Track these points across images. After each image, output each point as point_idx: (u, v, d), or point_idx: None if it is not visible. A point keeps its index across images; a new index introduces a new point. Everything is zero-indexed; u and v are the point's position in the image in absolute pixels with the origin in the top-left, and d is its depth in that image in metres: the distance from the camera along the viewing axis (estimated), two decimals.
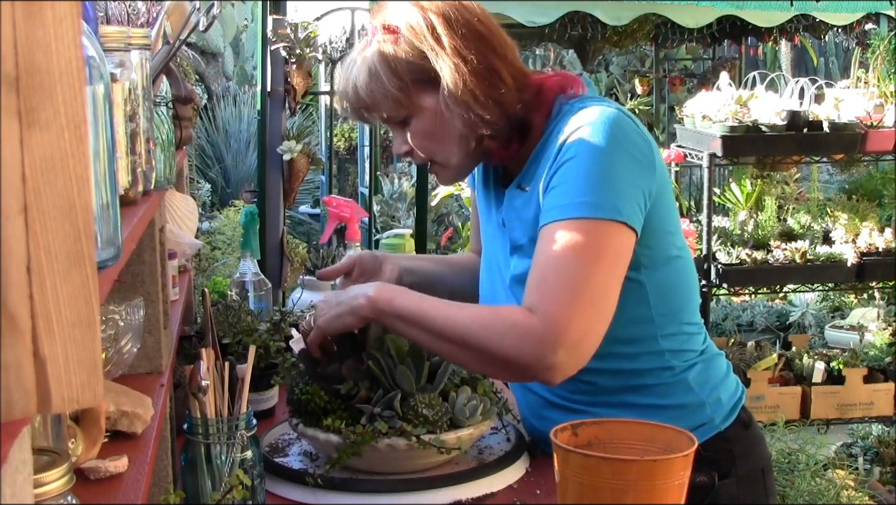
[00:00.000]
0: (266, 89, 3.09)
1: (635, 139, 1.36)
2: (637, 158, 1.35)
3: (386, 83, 1.37)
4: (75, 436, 1.02)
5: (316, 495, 1.43)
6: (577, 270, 1.29)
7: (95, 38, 0.83)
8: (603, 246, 1.30)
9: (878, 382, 3.71)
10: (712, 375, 1.50)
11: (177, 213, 1.99)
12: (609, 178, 1.32)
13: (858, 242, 3.68)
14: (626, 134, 1.35)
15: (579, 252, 1.29)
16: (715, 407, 1.47)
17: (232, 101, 9.06)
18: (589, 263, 1.29)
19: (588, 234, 1.29)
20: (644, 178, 1.35)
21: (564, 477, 1.14)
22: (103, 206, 0.75)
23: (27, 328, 0.44)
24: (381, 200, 5.74)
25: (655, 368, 1.45)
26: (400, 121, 1.44)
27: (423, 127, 1.42)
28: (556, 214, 1.32)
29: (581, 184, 1.31)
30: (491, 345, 1.30)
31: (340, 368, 1.49)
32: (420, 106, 1.40)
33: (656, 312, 1.43)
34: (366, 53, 1.40)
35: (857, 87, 3.87)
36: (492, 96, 1.37)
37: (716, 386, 1.49)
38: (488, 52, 1.38)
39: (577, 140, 1.33)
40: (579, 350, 1.28)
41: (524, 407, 1.62)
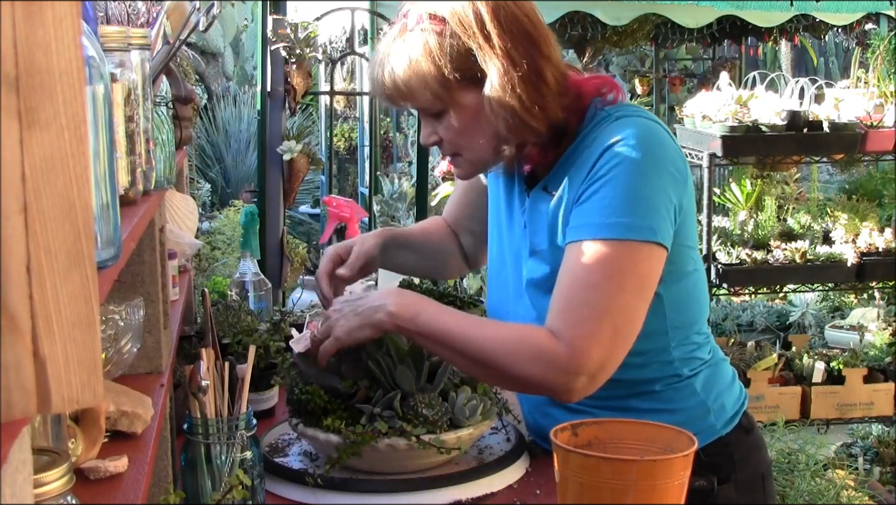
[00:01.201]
0: (266, 89, 3.09)
1: (672, 155, 1.34)
2: (672, 174, 1.33)
3: (426, 76, 1.32)
4: (75, 436, 1.02)
5: (316, 495, 1.43)
6: (604, 295, 1.28)
7: (95, 38, 0.83)
8: (633, 269, 1.29)
9: (878, 382, 3.71)
10: (718, 381, 1.50)
11: (177, 213, 1.99)
12: (646, 196, 1.30)
13: (858, 242, 3.68)
14: (664, 149, 1.33)
15: (608, 276, 1.28)
16: (718, 413, 1.47)
17: (232, 101, 9.06)
18: (617, 288, 1.28)
19: (618, 258, 1.29)
20: (677, 194, 1.34)
21: (564, 477, 1.14)
22: (103, 206, 0.75)
23: (27, 328, 0.44)
24: (381, 200, 5.73)
25: (664, 375, 1.45)
26: (434, 112, 1.39)
27: (459, 123, 1.37)
28: (587, 232, 1.30)
29: (617, 202, 1.29)
30: (514, 369, 1.31)
31: (340, 367, 1.49)
32: (459, 102, 1.35)
33: (671, 324, 1.43)
34: (407, 40, 1.34)
35: (857, 87, 3.86)
36: (538, 102, 1.33)
37: (721, 392, 1.49)
38: (535, 53, 1.33)
39: (616, 154, 1.31)
40: (598, 377, 1.30)
41: (527, 404, 1.62)
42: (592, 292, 1.28)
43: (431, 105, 1.37)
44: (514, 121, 1.33)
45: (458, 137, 1.40)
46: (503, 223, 1.54)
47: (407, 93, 1.35)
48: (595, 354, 1.27)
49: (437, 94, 1.34)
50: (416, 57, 1.32)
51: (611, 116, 1.37)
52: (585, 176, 1.33)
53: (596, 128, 1.37)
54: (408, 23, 1.35)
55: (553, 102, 1.35)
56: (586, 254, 1.29)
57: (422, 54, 1.32)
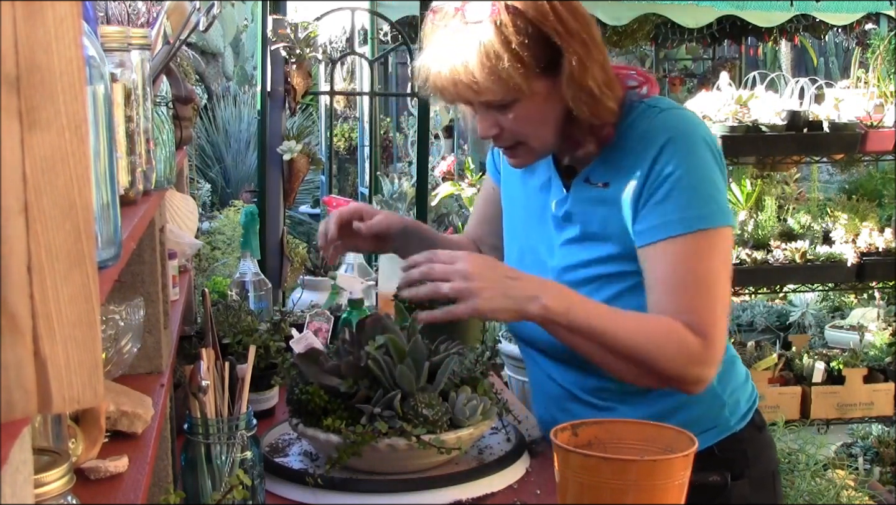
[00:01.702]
0: (266, 89, 3.09)
1: (709, 137, 1.41)
2: (719, 164, 1.40)
3: (507, 65, 1.30)
4: (75, 436, 1.02)
5: (316, 495, 1.43)
6: (716, 285, 1.37)
7: (95, 38, 0.83)
8: (723, 254, 1.39)
9: (878, 382, 3.71)
10: (733, 377, 1.53)
11: (177, 213, 1.99)
12: (714, 184, 1.38)
13: (858, 242, 3.67)
14: (712, 139, 1.41)
15: (713, 266, 1.36)
16: (733, 408, 1.50)
17: (232, 101, 9.06)
18: (723, 277, 1.38)
19: (715, 246, 1.37)
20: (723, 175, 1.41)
21: (564, 477, 1.14)
22: (103, 206, 0.75)
23: (28, 328, 0.44)
24: (381, 200, 5.74)
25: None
26: (499, 104, 1.37)
27: (529, 112, 1.37)
28: (679, 228, 1.36)
29: (694, 195, 1.36)
30: (658, 363, 1.35)
31: (339, 366, 1.49)
32: (533, 90, 1.35)
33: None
34: (477, 35, 1.31)
35: (857, 87, 3.86)
36: (607, 83, 1.37)
37: (735, 388, 1.52)
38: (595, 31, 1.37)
39: (678, 150, 1.36)
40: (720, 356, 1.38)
41: (544, 398, 1.61)
42: (706, 284, 1.36)
43: (503, 96, 1.34)
44: (592, 102, 1.35)
45: (526, 126, 1.39)
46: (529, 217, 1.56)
47: (483, 87, 1.32)
48: (721, 344, 1.37)
49: (514, 84, 1.32)
50: (492, 48, 1.30)
51: (654, 109, 1.41)
52: (648, 170, 1.37)
53: (639, 120, 1.40)
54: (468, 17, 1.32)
55: (616, 82, 1.39)
56: (689, 248, 1.36)
57: (500, 44, 1.30)
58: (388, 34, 7.13)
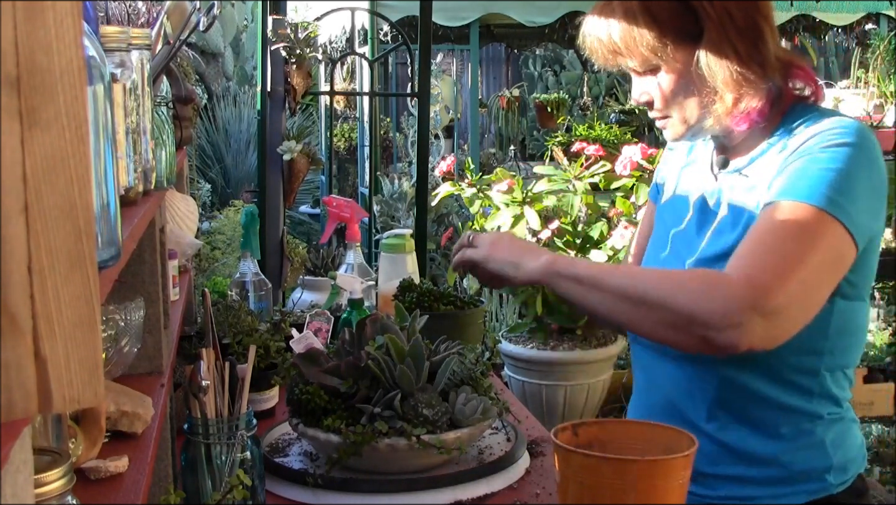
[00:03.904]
0: (266, 89, 3.09)
1: (882, 169, 1.31)
2: (876, 188, 1.30)
3: (646, 32, 1.32)
4: (76, 436, 1.02)
5: (316, 495, 1.43)
6: (795, 247, 1.21)
7: (96, 38, 0.83)
8: (827, 239, 1.23)
9: (878, 382, 3.72)
10: (848, 440, 1.40)
11: (177, 213, 1.99)
12: (852, 185, 1.25)
13: None
14: (877, 158, 1.31)
15: (802, 234, 1.22)
16: (838, 472, 1.38)
17: (232, 101, 9.06)
18: (808, 247, 1.21)
19: (817, 223, 1.22)
20: (875, 207, 1.30)
21: (565, 477, 1.14)
22: (103, 206, 0.75)
23: (28, 328, 0.44)
24: (381, 200, 5.74)
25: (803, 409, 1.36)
26: (647, 70, 1.38)
27: (674, 80, 1.36)
28: (788, 194, 1.25)
29: (824, 175, 1.25)
30: (676, 301, 1.22)
31: (339, 366, 1.49)
32: (675, 59, 1.34)
33: (830, 346, 1.34)
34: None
35: (857, 87, 3.87)
36: (755, 58, 1.32)
37: (847, 453, 1.39)
38: (756, 11, 1.33)
39: (833, 137, 1.28)
40: (776, 321, 1.19)
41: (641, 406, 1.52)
42: (782, 242, 1.22)
43: (647, 62, 1.36)
44: (730, 73, 1.31)
45: (671, 96, 1.38)
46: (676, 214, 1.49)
47: (623, 49, 1.35)
48: (773, 290, 1.17)
49: (654, 50, 1.33)
50: (634, 13, 1.33)
51: (824, 112, 1.36)
52: (796, 148, 1.31)
53: (804, 118, 1.35)
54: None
55: (770, 62, 1.33)
56: (783, 211, 1.24)
57: (640, 10, 1.32)
58: (388, 34, 7.14)
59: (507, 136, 9.07)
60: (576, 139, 5.18)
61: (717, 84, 1.32)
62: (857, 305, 1.35)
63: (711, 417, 1.38)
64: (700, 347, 1.24)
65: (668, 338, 1.28)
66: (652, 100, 1.40)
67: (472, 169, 3.58)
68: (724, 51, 1.30)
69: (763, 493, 1.35)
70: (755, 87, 1.33)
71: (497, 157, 8.29)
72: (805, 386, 1.35)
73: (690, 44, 1.33)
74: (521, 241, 1.47)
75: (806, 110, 1.36)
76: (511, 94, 9.25)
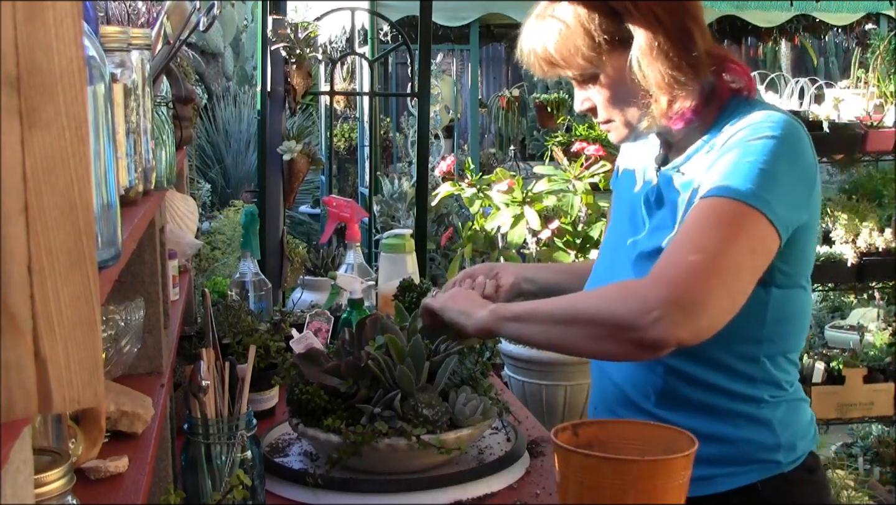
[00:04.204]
0: (266, 89, 3.09)
1: (809, 160, 1.34)
2: (802, 178, 1.33)
3: (578, 43, 1.36)
4: (76, 436, 1.02)
5: (316, 495, 1.43)
6: (713, 241, 1.24)
7: (96, 38, 0.83)
8: (747, 230, 1.26)
9: (878, 382, 3.71)
10: (795, 419, 1.44)
11: (177, 213, 1.99)
12: (774, 177, 1.28)
13: (858, 242, 3.68)
14: (803, 149, 1.33)
15: (720, 227, 1.25)
16: (788, 451, 1.41)
17: (232, 101, 9.06)
18: (727, 239, 1.24)
19: (736, 215, 1.26)
20: (800, 198, 1.32)
21: (565, 477, 1.14)
22: (103, 207, 0.75)
23: (28, 328, 0.44)
24: (381, 200, 5.74)
25: (742, 394, 1.40)
26: (587, 78, 1.42)
27: (610, 86, 1.40)
28: (712, 191, 1.29)
29: (744, 170, 1.28)
30: (599, 313, 1.27)
31: (339, 366, 1.49)
32: (610, 65, 1.38)
33: (768, 334, 1.38)
34: (557, 11, 1.39)
35: (857, 87, 3.86)
36: (686, 59, 1.35)
37: (795, 431, 1.43)
38: (683, 12, 1.36)
39: (757, 130, 1.32)
40: (699, 313, 1.20)
41: (596, 398, 1.57)
42: (699, 238, 1.25)
43: (584, 71, 1.40)
44: (662, 77, 1.34)
45: (611, 101, 1.42)
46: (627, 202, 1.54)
47: (560, 61, 1.39)
48: (692, 287, 1.20)
49: (589, 59, 1.37)
50: (565, 26, 1.37)
51: (756, 105, 1.39)
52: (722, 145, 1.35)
53: (736, 112, 1.38)
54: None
55: (702, 61, 1.37)
56: (704, 208, 1.28)
57: (572, 22, 1.36)
58: (388, 34, 7.14)
59: (507, 136, 9.06)
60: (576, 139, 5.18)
61: (651, 88, 1.36)
62: (793, 292, 1.39)
63: (660, 404, 1.42)
64: (635, 353, 1.28)
65: (605, 351, 1.32)
66: (594, 106, 1.44)
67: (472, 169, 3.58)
68: (654, 55, 1.34)
69: (716, 472, 1.38)
70: (688, 88, 1.36)
71: (497, 157, 8.29)
72: (747, 373, 1.39)
73: (623, 50, 1.36)
74: (475, 296, 1.54)
75: (740, 105, 1.40)
76: (511, 94, 9.24)
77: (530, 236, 3.00)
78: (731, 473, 1.39)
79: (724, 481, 1.38)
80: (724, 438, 1.39)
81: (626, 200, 1.55)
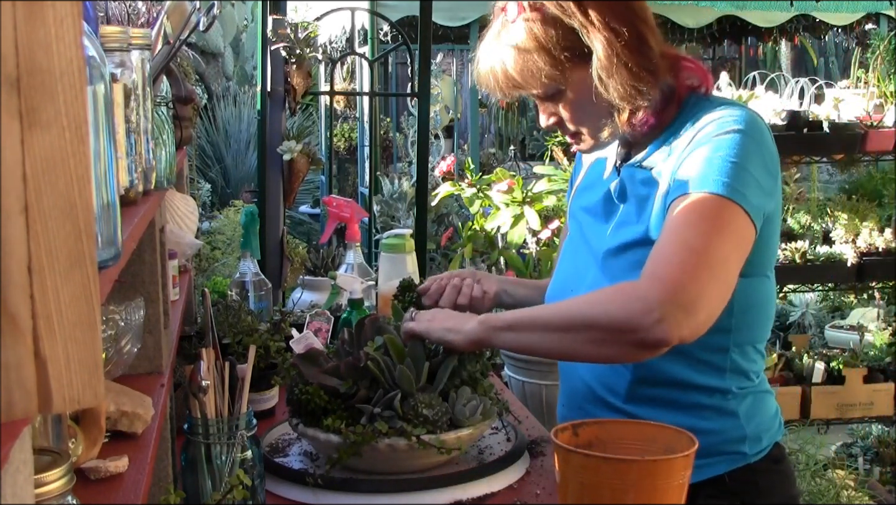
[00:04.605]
0: (266, 89, 3.09)
1: (772, 150, 1.36)
2: (768, 169, 1.35)
3: (538, 62, 1.36)
4: (75, 436, 1.02)
5: (316, 495, 1.43)
6: (700, 237, 1.26)
7: (96, 38, 0.83)
8: (729, 223, 1.28)
9: (878, 382, 3.71)
10: (761, 411, 1.46)
11: (177, 213, 1.99)
12: (745, 169, 1.30)
13: (858, 242, 3.68)
14: (766, 141, 1.35)
15: (704, 222, 1.27)
16: (753, 442, 1.43)
17: (232, 101, 9.06)
18: (712, 234, 1.26)
19: (717, 209, 1.28)
20: (768, 187, 1.34)
21: (565, 477, 1.14)
22: (103, 207, 0.75)
23: (28, 328, 0.44)
24: (381, 200, 5.74)
25: (712, 386, 1.41)
26: (550, 95, 1.42)
27: (575, 100, 1.41)
28: (688, 187, 1.31)
29: (717, 164, 1.30)
30: (599, 316, 1.27)
31: (339, 367, 1.49)
32: (572, 80, 1.38)
33: (736, 323, 1.39)
34: (511, 32, 1.38)
35: (857, 87, 3.87)
36: (644, 66, 1.36)
37: (760, 423, 1.45)
38: (635, 18, 1.36)
39: (723, 125, 1.33)
40: (696, 310, 1.23)
41: (565, 396, 1.59)
42: (685, 235, 1.26)
43: (547, 89, 1.40)
44: (624, 89, 1.35)
45: (578, 114, 1.43)
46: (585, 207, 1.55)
47: (521, 82, 1.40)
48: (687, 285, 1.22)
49: (550, 77, 1.37)
50: (524, 46, 1.37)
51: (714, 101, 1.41)
52: (685, 147, 1.36)
53: (696, 109, 1.40)
54: (508, 16, 1.39)
55: (659, 64, 1.38)
56: (684, 206, 1.29)
57: (529, 43, 1.36)
58: (388, 34, 7.14)
59: (507, 136, 9.07)
60: None
61: (614, 100, 1.37)
62: (758, 280, 1.41)
63: (629, 400, 1.44)
64: (636, 354, 1.29)
65: (606, 354, 1.32)
66: (560, 120, 1.45)
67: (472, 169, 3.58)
68: (615, 67, 1.34)
69: None
70: (649, 96, 1.38)
71: (497, 157, 8.30)
72: (715, 363, 1.41)
73: (584, 64, 1.36)
74: (455, 313, 1.54)
75: (699, 102, 1.42)
76: None
77: (530, 236, 3.00)
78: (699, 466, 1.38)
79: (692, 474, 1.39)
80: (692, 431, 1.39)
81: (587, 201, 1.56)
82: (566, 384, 1.58)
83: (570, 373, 1.55)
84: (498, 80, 1.41)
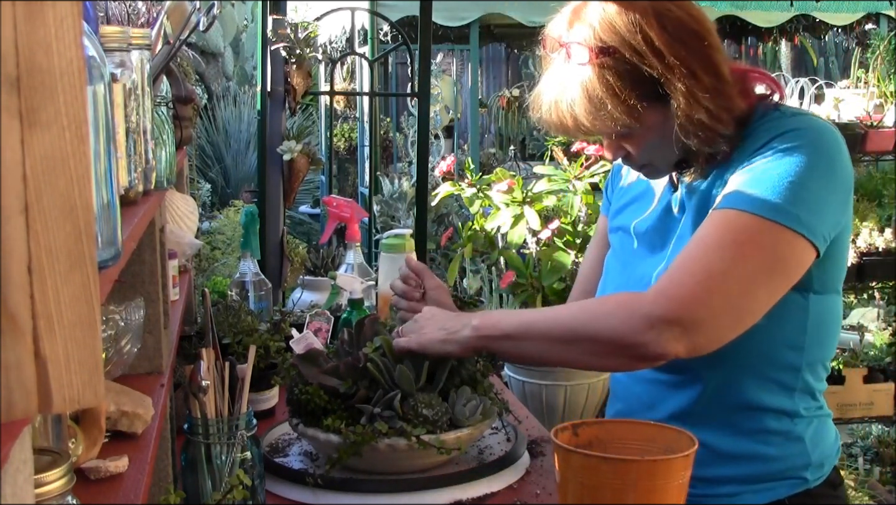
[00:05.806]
0: (266, 89, 3.09)
1: (843, 164, 1.29)
2: (837, 184, 1.28)
3: (613, 112, 1.28)
4: (76, 436, 1.02)
5: (316, 495, 1.43)
6: (720, 258, 1.21)
7: (96, 38, 0.83)
8: (765, 248, 1.22)
9: (878, 382, 3.71)
10: (825, 437, 1.43)
11: (177, 213, 1.99)
12: (809, 189, 1.23)
13: (858, 242, 3.68)
14: (835, 154, 1.28)
15: (734, 246, 1.21)
16: (816, 469, 1.40)
17: (232, 101, 9.06)
18: (739, 260, 1.21)
19: (752, 232, 1.21)
20: (841, 203, 1.28)
21: (565, 477, 1.14)
22: (103, 206, 0.75)
23: (28, 328, 0.44)
24: (381, 200, 5.74)
25: (780, 408, 1.37)
26: (621, 135, 1.36)
27: (649, 139, 1.34)
28: (727, 203, 1.25)
29: (769, 183, 1.23)
30: (601, 330, 1.25)
31: (339, 367, 1.49)
32: (646, 123, 1.31)
33: (809, 341, 1.35)
34: (581, 76, 1.29)
35: (857, 87, 3.87)
36: (723, 106, 1.29)
37: (824, 450, 1.42)
38: (707, 49, 1.29)
39: (790, 140, 1.26)
40: (699, 330, 1.20)
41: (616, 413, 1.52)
42: (706, 256, 1.21)
43: (620, 132, 1.34)
44: (705, 133, 1.29)
45: (648, 151, 1.36)
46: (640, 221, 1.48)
47: (593, 129, 1.33)
48: (696, 309, 1.19)
49: (624, 124, 1.30)
50: (597, 95, 1.28)
51: (786, 113, 1.33)
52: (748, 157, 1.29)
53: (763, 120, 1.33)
54: (572, 55, 1.30)
55: (735, 98, 1.31)
56: (715, 222, 1.24)
57: (603, 90, 1.27)
58: (388, 34, 7.14)
59: (507, 136, 9.06)
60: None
61: (694, 146, 1.31)
62: (829, 297, 1.37)
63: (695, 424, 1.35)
64: (633, 365, 1.30)
65: (607, 365, 1.33)
66: (629, 154, 1.38)
67: (472, 169, 3.58)
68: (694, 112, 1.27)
69: (743, 489, 1.37)
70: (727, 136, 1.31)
71: (497, 157, 8.29)
72: (787, 382, 1.37)
73: (658, 105, 1.29)
74: (440, 314, 1.48)
75: (767, 112, 1.34)
76: (511, 94, 9.24)
77: (530, 236, 3.00)
78: (758, 489, 1.37)
79: (750, 497, 1.37)
80: (756, 457, 1.36)
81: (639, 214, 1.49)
82: (620, 401, 1.51)
83: (624, 390, 1.49)
84: (567, 126, 1.33)
